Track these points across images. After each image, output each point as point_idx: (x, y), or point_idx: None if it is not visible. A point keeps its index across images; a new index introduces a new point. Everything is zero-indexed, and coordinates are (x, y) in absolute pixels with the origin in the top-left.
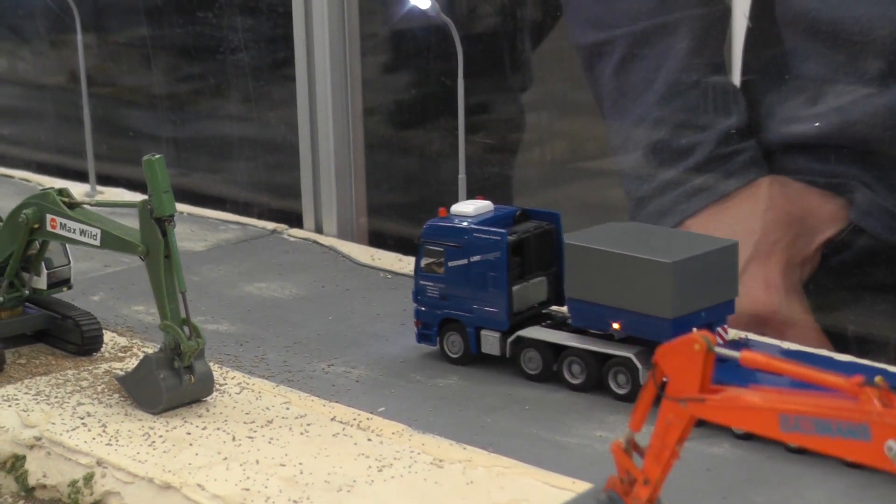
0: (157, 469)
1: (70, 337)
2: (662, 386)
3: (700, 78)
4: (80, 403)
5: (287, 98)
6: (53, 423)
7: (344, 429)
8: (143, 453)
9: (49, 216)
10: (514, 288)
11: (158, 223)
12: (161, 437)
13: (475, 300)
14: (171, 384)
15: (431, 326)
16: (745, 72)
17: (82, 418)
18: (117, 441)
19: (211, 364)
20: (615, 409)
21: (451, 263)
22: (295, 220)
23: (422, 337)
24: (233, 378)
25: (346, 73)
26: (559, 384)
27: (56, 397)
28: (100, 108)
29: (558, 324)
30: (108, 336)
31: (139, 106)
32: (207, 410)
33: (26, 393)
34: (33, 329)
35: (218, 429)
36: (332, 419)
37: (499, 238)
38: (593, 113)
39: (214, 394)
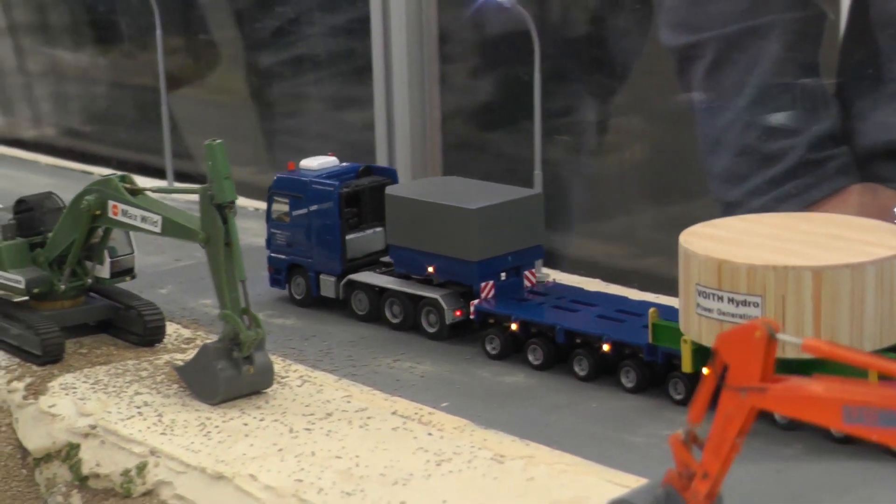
0: (210, 459)
1: (132, 327)
2: (723, 376)
3: (792, 82)
4: (137, 393)
5: (365, 99)
6: (109, 412)
7: (405, 423)
8: (198, 443)
9: (111, 202)
10: (349, 237)
11: (219, 210)
12: (217, 427)
13: (314, 247)
14: (229, 375)
15: (281, 272)
16: (838, 76)
17: (139, 408)
18: (172, 431)
19: (273, 357)
20: (684, 409)
21: (294, 213)
22: None
23: (273, 281)
24: (295, 371)
25: (423, 72)
26: (622, 387)
27: (114, 387)
28: (181, 106)
29: (391, 270)
30: (172, 328)
31: (221, 106)
32: (266, 402)
33: (84, 382)
34: (95, 319)
35: (276, 420)
36: (393, 413)
37: (332, 189)
38: (679, 118)
39: (275, 386)
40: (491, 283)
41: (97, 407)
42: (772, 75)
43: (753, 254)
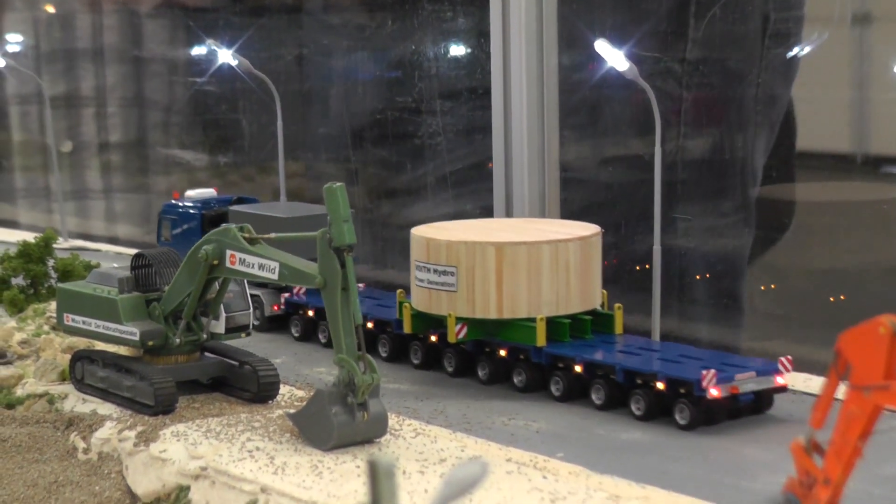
0: (321, 494)
1: (246, 384)
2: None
3: None
4: (249, 440)
5: (483, 182)
6: (220, 455)
7: (519, 468)
8: (309, 481)
9: (229, 252)
10: None
11: (337, 253)
12: (329, 469)
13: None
14: (342, 420)
15: None
16: None
17: (251, 451)
18: (284, 471)
19: (388, 414)
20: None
21: (173, 231)
22: None
23: None
24: (409, 425)
25: (542, 154)
26: (739, 433)
27: (226, 435)
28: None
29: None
30: (285, 389)
31: None
32: (380, 449)
33: (196, 430)
34: (209, 375)
35: None
36: (508, 460)
37: (195, 212)
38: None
39: (388, 436)
40: None
41: (209, 451)
42: None
43: (455, 234)
